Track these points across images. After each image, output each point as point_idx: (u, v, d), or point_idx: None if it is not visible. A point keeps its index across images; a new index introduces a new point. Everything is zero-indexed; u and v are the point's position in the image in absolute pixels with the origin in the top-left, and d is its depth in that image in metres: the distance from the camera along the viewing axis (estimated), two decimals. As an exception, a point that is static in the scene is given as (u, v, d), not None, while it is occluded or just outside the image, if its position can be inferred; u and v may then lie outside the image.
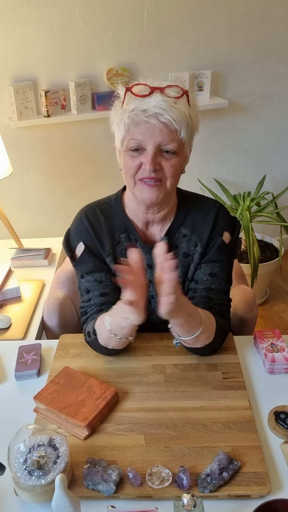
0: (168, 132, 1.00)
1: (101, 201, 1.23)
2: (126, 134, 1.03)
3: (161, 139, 1.00)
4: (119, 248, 1.19)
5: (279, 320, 2.60)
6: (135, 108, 0.99)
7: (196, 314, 1.04)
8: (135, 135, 1.01)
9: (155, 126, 0.99)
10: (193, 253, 1.19)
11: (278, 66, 2.54)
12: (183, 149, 1.05)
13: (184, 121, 1.00)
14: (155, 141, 1.00)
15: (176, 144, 1.02)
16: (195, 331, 1.04)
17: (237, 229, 1.21)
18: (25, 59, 2.08)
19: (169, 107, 0.98)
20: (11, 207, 2.30)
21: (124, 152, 1.06)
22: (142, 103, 0.99)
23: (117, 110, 1.05)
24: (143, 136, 1.01)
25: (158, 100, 0.98)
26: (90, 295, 1.19)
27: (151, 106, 0.98)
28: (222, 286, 1.18)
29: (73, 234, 1.21)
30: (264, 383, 1.11)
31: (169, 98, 0.99)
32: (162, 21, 2.22)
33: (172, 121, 0.98)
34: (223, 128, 2.61)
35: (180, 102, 1.00)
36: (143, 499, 0.86)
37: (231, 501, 0.85)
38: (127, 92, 1.02)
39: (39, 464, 0.85)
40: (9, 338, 1.41)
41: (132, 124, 1.01)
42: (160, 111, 0.97)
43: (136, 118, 0.99)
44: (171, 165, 1.04)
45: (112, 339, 1.08)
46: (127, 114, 1.01)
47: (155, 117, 0.98)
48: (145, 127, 1.00)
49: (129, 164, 1.05)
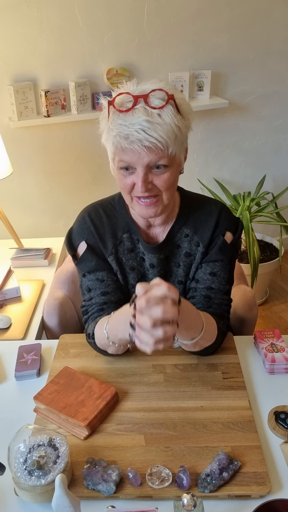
0: (154, 153, 0.97)
1: (104, 201, 1.23)
2: (115, 156, 1.03)
3: (149, 160, 0.98)
4: (121, 247, 1.19)
5: (279, 320, 2.61)
6: (118, 133, 0.96)
7: (197, 322, 1.02)
8: (122, 158, 1.00)
9: (139, 151, 0.97)
10: (195, 253, 1.19)
11: (278, 66, 2.54)
12: (175, 159, 1.03)
13: (171, 137, 0.97)
14: (143, 162, 0.99)
15: (166, 159, 1.00)
16: (195, 335, 1.03)
17: (239, 229, 1.21)
18: (25, 59, 2.08)
19: (153, 127, 0.94)
20: (11, 207, 2.30)
21: (117, 170, 1.05)
22: (125, 125, 0.95)
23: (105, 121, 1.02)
24: (130, 158, 0.99)
25: (140, 120, 0.94)
26: (92, 294, 1.19)
27: (133, 131, 0.94)
28: (222, 285, 1.18)
29: (76, 233, 1.21)
30: (264, 383, 1.11)
31: (153, 111, 0.95)
32: (162, 21, 2.22)
33: (157, 142, 0.95)
34: (223, 128, 2.61)
35: (165, 114, 0.95)
36: (143, 499, 0.86)
37: (231, 501, 0.85)
38: (109, 106, 0.99)
39: (39, 464, 0.85)
40: (9, 338, 1.41)
41: (117, 150, 1.00)
42: (143, 136, 0.94)
43: (119, 146, 0.98)
44: (164, 180, 1.03)
45: (110, 346, 1.08)
46: (111, 139, 0.99)
47: (138, 143, 0.95)
48: (131, 151, 0.98)
49: (123, 182, 1.05)
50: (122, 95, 0.98)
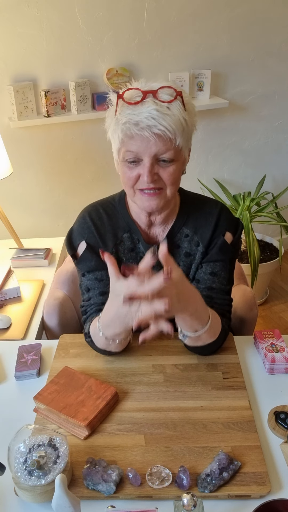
0: (162, 142, 0.98)
1: (104, 201, 1.23)
2: (121, 146, 1.02)
3: (157, 150, 0.99)
4: (122, 247, 1.19)
5: (279, 320, 2.61)
6: (128, 121, 0.97)
7: (203, 311, 1.03)
8: (130, 147, 1.00)
9: (149, 138, 0.97)
10: (195, 253, 1.19)
11: (278, 66, 2.54)
12: (181, 154, 1.04)
13: (179, 128, 0.98)
14: (151, 152, 0.99)
15: (172, 152, 1.01)
16: (200, 328, 1.03)
17: (239, 230, 1.21)
18: (25, 59, 2.08)
19: (162, 116, 0.96)
20: (11, 207, 2.30)
21: (121, 162, 1.05)
22: (134, 114, 0.97)
23: (111, 117, 1.04)
24: (138, 148, 0.99)
25: (150, 109, 0.96)
26: (90, 293, 1.19)
27: (143, 118, 0.96)
28: (223, 285, 1.19)
29: (76, 233, 1.21)
30: (264, 383, 1.11)
31: (162, 103, 0.97)
32: (162, 21, 2.22)
33: (166, 131, 0.97)
34: (223, 128, 2.61)
35: (173, 107, 0.98)
36: (143, 499, 0.86)
37: (231, 501, 0.85)
38: (118, 99, 1.01)
39: (39, 464, 0.85)
40: (9, 338, 1.41)
41: (126, 137, 1.00)
42: (152, 123, 0.95)
43: (129, 132, 0.98)
44: (169, 173, 1.03)
45: (110, 344, 1.09)
46: (120, 127, 0.99)
47: (147, 129, 0.96)
48: (139, 139, 0.98)
49: (127, 175, 1.05)
50: (131, 90, 1.00)
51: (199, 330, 1.04)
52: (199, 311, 1.01)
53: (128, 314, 0.94)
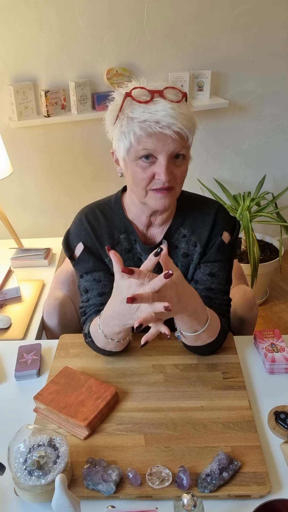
0: (180, 139, 0.99)
1: (100, 202, 1.23)
2: (136, 145, 1.00)
3: (174, 147, 0.99)
4: (119, 248, 1.19)
5: (279, 320, 2.61)
6: (147, 118, 0.97)
7: (201, 312, 1.03)
8: (146, 145, 0.99)
9: (167, 136, 0.97)
10: (192, 253, 1.19)
11: (278, 66, 2.54)
12: (189, 152, 1.06)
13: (192, 126, 1.01)
14: (169, 150, 0.99)
15: (186, 149, 1.02)
16: (199, 328, 1.04)
17: (236, 229, 1.21)
18: (25, 59, 2.08)
19: (179, 115, 0.97)
20: (11, 207, 2.30)
21: (132, 161, 1.03)
22: (150, 113, 0.97)
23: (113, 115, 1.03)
24: (155, 146, 0.99)
25: (165, 108, 0.96)
26: (89, 294, 1.19)
27: (162, 116, 0.96)
28: (221, 286, 1.19)
29: (73, 235, 1.21)
30: (264, 383, 1.11)
31: (173, 104, 0.98)
32: (162, 21, 2.22)
33: (184, 129, 0.98)
34: (223, 128, 2.61)
35: (183, 106, 1.00)
36: (143, 499, 0.86)
37: (231, 501, 0.85)
38: (126, 97, 1.00)
39: (39, 464, 0.85)
40: (9, 338, 1.41)
41: (145, 135, 0.98)
42: (172, 121, 0.96)
43: (150, 130, 0.97)
44: (182, 171, 1.04)
45: (110, 343, 1.08)
46: (138, 125, 0.98)
47: (168, 127, 0.97)
48: (157, 138, 0.98)
49: (141, 176, 1.03)
50: (137, 89, 1.01)
51: (198, 331, 1.04)
52: (198, 312, 1.01)
53: (128, 313, 0.94)
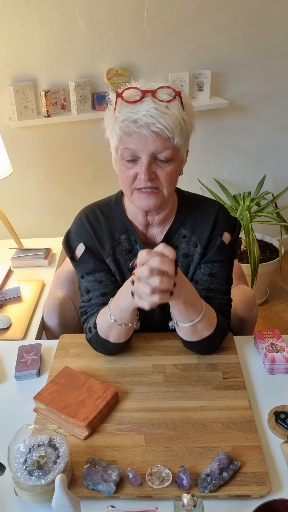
0: (161, 140, 0.98)
1: (101, 202, 1.23)
2: (119, 144, 1.02)
3: (155, 148, 0.99)
4: (119, 249, 1.19)
5: (279, 320, 2.61)
6: (126, 118, 0.97)
7: (196, 299, 1.04)
8: (128, 145, 1.00)
9: (147, 136, 0.97)
10: (192, 253, 1.19)
11: (278, 66, 2.54)
12: (178, 154, 1.04)
13: (177, 127, 0.98)
14: (149, 150, 0.99)
15: (170, 151, 1.00)
16: (194, 317, 1.04)
17: (237, 229, 1.21)
18: (25, 59, 2.08)
19: (161, 115, 0.96)
20: (11, 207, 2.30)
21: (119, 161, 1.05)
22: (132, 112, 0.97)
23: (110, 116, 1.04)
24: (136, 146, 0.99)
25: (149, 107, 0.96)
26: (90, 295, 1.19)
27: (141, 116, 0.96)
28: (221, 286, 1.18)
29: (74, 235, 1.21)
30: (264, 383, 1.11)
31: (161, 103, 0.97)
32: (162, 21, 2.22)
33: (164, 129, 0.96)
34: (223, 128, 2.61)
35: (172, 106, 0.98)
36: (143, 499, 0.86)
37: (231, 501, 0.85)
38: (118, 98, 1.01)
39: (39, 464, 0.85)
40: (9, 338, 1.41)
41: (124, 135, 1.00)
42: (151, 121, 0.95)
43: (127, 129, 0.98)
44: (167, 173, 1.03)
45: (112, 327, 1.07)
46: (118, 124, 0.99)
47: (146, 127, 0.96)
48: (137, 137, 0.98)
49: (125, 175, 1.04)
50: (130, 90, 1.01)
51: (194, 320, 1.04)
52: (193, 298, 1.02)
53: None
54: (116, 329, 1.08)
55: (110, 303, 1.07)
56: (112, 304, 1.06)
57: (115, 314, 1.05)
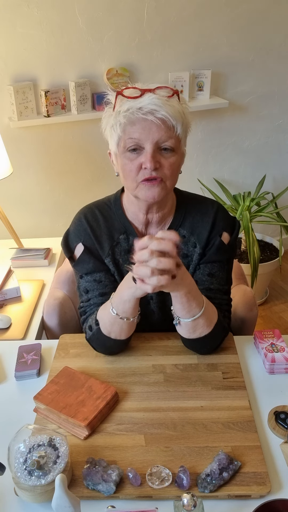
0: (165, 128, 1.00)
1: (100, 202, 1.23)
2: (123, 135, 1.02)
3: (159, 136, 1.00)
4: (118, 249, 1.19)
5: (279, 320, 2.61)
6: (130, 107, 0.99)
7: (198, 293, 1.04)
8: (132, 134, 1.01)
9: (152, 123, 0.98)
10: (192, 254, 1.19)
11: (278, 66, 2.54)
12: (180, 146, 1.05)
13: (179, 118, 1.01)
14: (153, 138, 1.00)
15: (173, 141, 1.02)
16: (196, 311, 1.04)
17: (236, 229, 1.21)
18: (25, 59, 2.08)
19: (164, 104, 0.98)
20: (11, 207, 2.30)
21: (121, 154, 1.05)
22: (136, 102, 0.99)
23: (109, 115, 1.05)
24: (140, 134, 1.00)
25: (151, 98, 0.98)
26: (90, 295, 1.19)
27: (146, 104, 0.98)
28: (221, 286, 1.18)
29: (72, 235, 1.21)
30: (264, 383, 1.11)
31: (162, 97, 1.00)
32: (162, 21, 2.22)
33: (169, 116, 0.99)
34: (223, 128, 2.61)
35: (172, 100, 1.01)
36: (143, 499, 0.86)
37: (231, 501, 0.85)
38: (118, 95, 1.02)
39: (39, 464, 0.85)
40: (9, 338, 1.41)
41: (128, 124, 1.00)
42: (155, 108, 0.98)
43: (132, 116, 0.99)
44: (170, 163, 1.03)
45: (115, 322, 1.07)
46: (122, 114, 1.00)
47: (151, 114, 0.98)
48: (141, 126, 0.99)
49: (129, 167, 1.04)
50: (130, 89, 1.02)
51: (196, 314, 1.04)
52: (194, 291, 1.02)
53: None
54: (118, 324, 1.07)
55: (112, 297, 1.07)
56: (114, 298, 1.06)
57: (117, 307, 1.05)
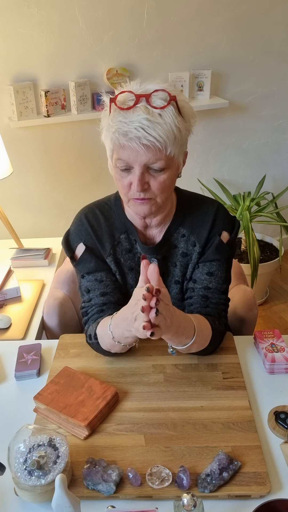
0: (152, 152, 0.97)
1: (100, 202, 1.23)
2: (113, 153, 1.03)
3: (146, 160, 0.98)
4: (119, 248, 1.19)
5: (279, 320, 2.61)
6: (117, 130, 0.96)
7: (187, 327, 1.01)
8: (121, 156, 1.00)
9: (137, 149, 0.97)
10: (191, 253, 1.19)
11: (278, 66, 2.54)
12: (173, 161, 1.03)
13: (170, 137, 0.96)
14: (141, 161, 0.99)
15: (163, 162, 0.99)
16: (188, 341, 1.02)
17: (235, 228, 1.21)
18: (25, 59, 2.08)
19: (152, 126, 0.94)
20: (11, 207, 2.30)
21: (114, 168, 1.05)
22: (124, 122, 0.95)
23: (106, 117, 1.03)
24: (128, 157, 0.99)
25: (140, 118, 0.94)
26: (91, 295, 1.19)
27: (132, 128, 0.94)
28: (219, 285, 1.18)
29: (73, 235, 1.21)
30: (264, 383, 1.11)
31: (154, 110, 0.96)
32: (162, 21, 2.22)
33: (155, 141, 0.95)
34: (223, 128, 2.61)
35: (166, 114, 0.96)
36: (143, 499, 0.86)
37: (231, 501, 0.85)
38: (111, 103, 1.00)
39: (39, 464, 0.85)
40: (9, 338, 1.41)
41: (116, 146, 1.00)
42: (141, 134, 0.94)
43: (117, 142, 0.98)
44: (160, 182, 1.02)
45: (116, 345, 1.08)
46: (110, 135, 0.99)
47: (136, 140, 0.95)
48: (129, 149, 0.98)
49: (121, 183, 1.05)
50: (124, 93, 0.99)
51: (187, 344, 1.03)
52: (183, 326, 0.99)
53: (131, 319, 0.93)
54: (119, 347, 1.08)
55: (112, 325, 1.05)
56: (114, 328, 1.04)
57: (118, 338, 1.05)
